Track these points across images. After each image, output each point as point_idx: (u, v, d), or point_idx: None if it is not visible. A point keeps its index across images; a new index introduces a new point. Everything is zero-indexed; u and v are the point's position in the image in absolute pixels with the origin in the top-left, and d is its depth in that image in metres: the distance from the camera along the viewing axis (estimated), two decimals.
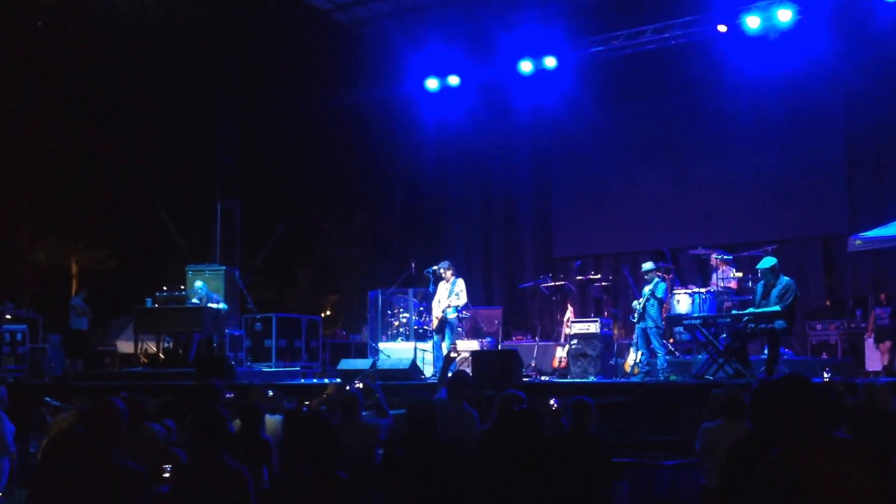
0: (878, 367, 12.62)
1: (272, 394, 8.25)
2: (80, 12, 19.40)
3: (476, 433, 6.38)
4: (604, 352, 12.71)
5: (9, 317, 16.34)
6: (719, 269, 13.27)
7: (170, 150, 21.83)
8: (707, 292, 12.51)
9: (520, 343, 14.82)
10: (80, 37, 20.24)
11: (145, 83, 20.92)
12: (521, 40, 17.29)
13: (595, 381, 11.74)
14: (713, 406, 6.28)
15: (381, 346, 14.70)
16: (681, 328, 11.97)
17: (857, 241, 13.32)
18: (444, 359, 11.69)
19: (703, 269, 14.90)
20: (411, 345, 13.76)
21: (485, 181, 19.87)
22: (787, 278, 10.31)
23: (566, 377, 12.66)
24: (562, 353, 13.45)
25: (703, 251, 13.99)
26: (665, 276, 12.97)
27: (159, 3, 17.87)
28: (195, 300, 14.08)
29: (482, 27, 17.90)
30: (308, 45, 18.75)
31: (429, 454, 5.43)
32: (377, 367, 11.86)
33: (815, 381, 8.37)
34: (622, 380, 11.77)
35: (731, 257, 13.50)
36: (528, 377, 12.05)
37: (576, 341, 12.81)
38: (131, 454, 4.97)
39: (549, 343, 14.37)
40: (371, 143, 20.30)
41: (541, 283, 15.01)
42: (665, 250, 14.64)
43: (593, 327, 12.85)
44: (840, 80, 15.73)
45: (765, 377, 8.83)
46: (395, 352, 13.94)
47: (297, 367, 15.03)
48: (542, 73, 17.31)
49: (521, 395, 6.29)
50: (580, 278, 15.20)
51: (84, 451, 4.47)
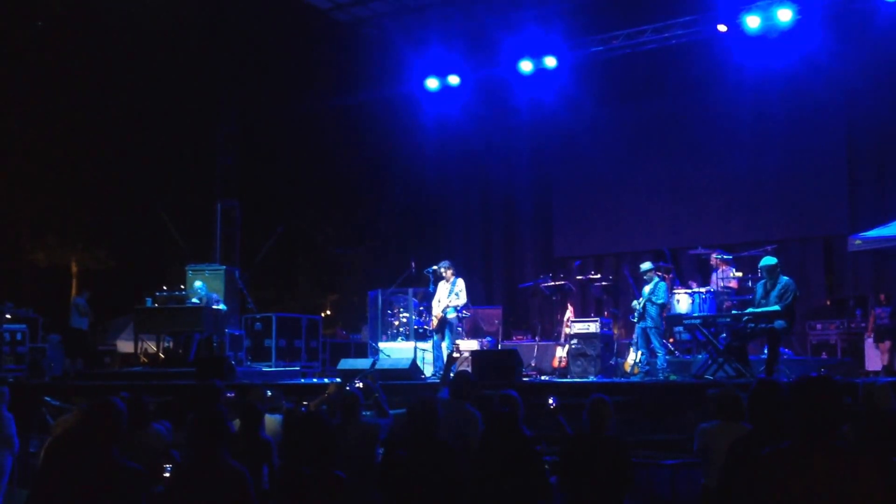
0: (878, 367, 12.62)
1: (271, 393, 8.25)
2: (79, 13, 19.41)
3: (478, 433, 6.37)
4: (604, 351, 12.72)
5: (9, 316, 16.32)
6: (719, 269, 13.27)
7: (170, 150, 21.84)
8: (707, 292, 12.52)
9: (520, 343, 14.82)
10: (80, 37, 20.26)
11: (145, 83, 20.93)
12: (522, 40, 17.29)
13: (595, 380, 11.75)
14: (710, 407, 6.26)
15: (381, 345, 14.70)
16: (681, 328, 11.97)
17: (858, 241, 13.32)
18: (446, 359, 11.68)
19: (703, 269, 14.90)
20: (411, 344, 13.75)
21: (485, 181, 19.86)
22: (787, 278, 10.30)
23: (566, 377, 12.66)
24: (562, 352, 13.45)
25: (703, 251, 13.99)
26: (665, 275, 12.98)
27: (159, 4, 17.86)
28: (195, 300, 14.08)
29: (482, 27, 17.89)
30: (308, 44, 18.75)
31: (429, 454, 5.43)
32: (377, 366, 11.85)
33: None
34: (622, 379, 11.77)
35: (730, 257, 13.50)
36: (528, 377, 12.06)
37: (576, 341, 12.82)
38: (132, 454, 4.97)
39: (549, 343, 14.36)
40: (371, 142, 20.30)
41: (541, 283, 15.00)
42: (665, 250, 14.64)
43: (593, 327, 12.85)
44: (840, 79, 15.73)
45: (764, 377, 8.85)
46: (395, 351, 13.94)
47: (297, 367, 15.03)
48: (542, 73, 17.30)
49: (514, 394, 6.26)
50: (580, 278, 15.20)
51: (85, 451, 4.47)
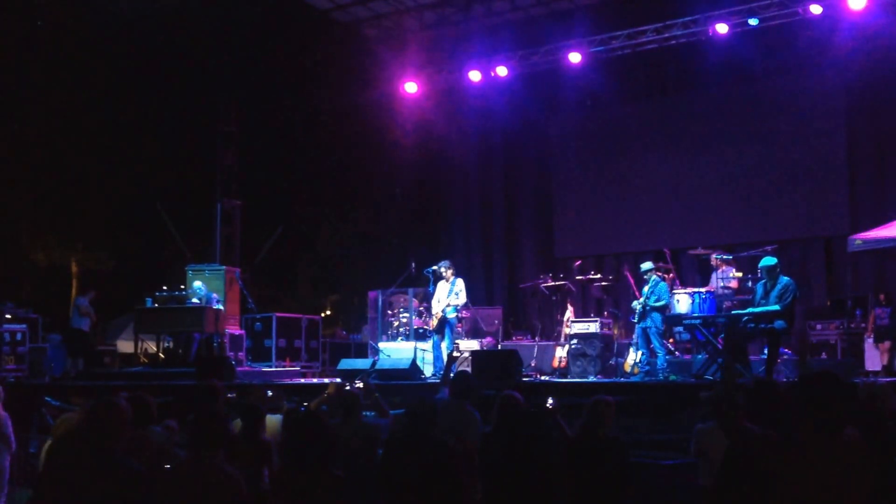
0: (878, 367, 12.62)
1: (272, 394, 8.25)
2: (79, 12, 19.41)
3: (478, 434, 6.36)
4: (604, 352, 12.72)
5: (9, 316, 16.32)
6: (719, 269, 13.26)
7: (170, 150, 21.83)
8: (707, 292, 12.52)
9: (520, 343, 14.81)
10: (80, 36, 20.25)
11: (145, 83, 20.93)
12: (522, 40, 17.31)
13: (595, 380, 11.75)
14: (705, 408, 6.23)
15: (381, 345, 14.70)
16: (681, 328, 11.97)
17: (858, 241, 13.32)
18: (446, 359, 11.68)
19: (703, 269, 14.90)
20: (411, 345, 13.76)
21: (485, 181, 19.85)
22: (787, 278, 10.30)
23: (566, 377, 12.66)
24: (562, 352, 13.45)
25: (703, 251, 13.99)
26: (665, 276, 12.98)
27: (159, 3, 17.86)
28: (195, 300, 14.08)
29: (482, 27, 17.90)
30: (308, 44, 18.76)
31: (428, 454, 5.43)
32: (377, 367, 11.86)
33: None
34: (622, 380, 11.78)
35: (730, 257, 13.50)
36: (528, 377, 12.06)
37: (576, 341, 12.82)
38: (134, 453, 4.97)
39: (549, 343, 14.36)
40: (371, 142, 20.29)
41: (541, 283, 15.00)
42: (665, 250, 14.64)
43: (593, 327, 12.86)
44: (841, 79, 15.75)
45: (761, 377, 8.85)
46: (395, 352, 13.93)
47: (297, 367, 15.04)
48: (542, 74, 17.31)
49: (518, 395, 6.25)
50: (580, 278, 15.19)
51: (87, 451, 4.48)
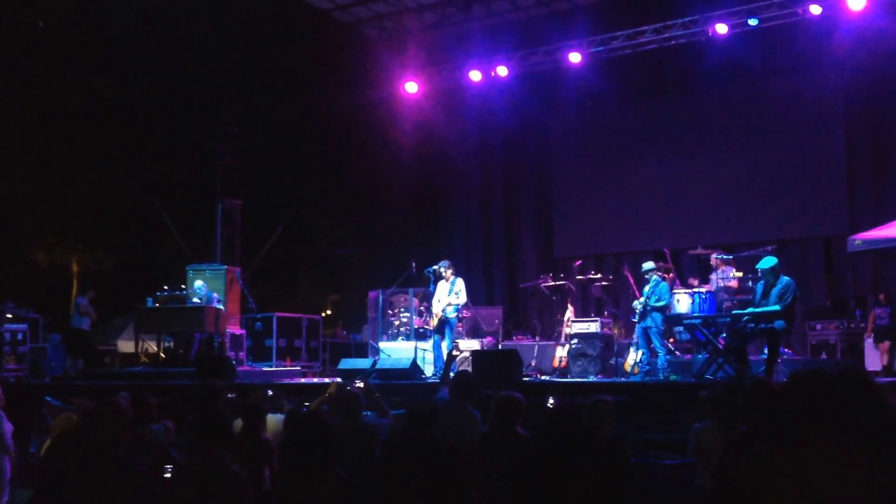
0: (878, 368, 12.62)
1: (272, 393, 8.26)
2: (80, 12, 19.42)
3: (477, 433, 6.37)
4: (604, 351, 12.73)
5: (9, 316, 16.33)
6: (719, 269, 13.27)
7: (171, 150, 21.85)
8: (707, 292, 12.53)
9: (520, 343, 14.81)
10: (81, 36, 20.27)
11: (146, 82, 20.95)
12: (523, 40, 17.32)
13: (595, 380, 11.76)
14: (704, 407, 6.22)
15: (382, 345, 14.71)
16: (681, 328, 11.98)
17: (857, 242, 13.33)
18: (446, 358, 11.69)
19: (703, 269, 14.90)
20: (412, 344, 13.78)
21: (486, 180, 19.86)
22: (787, 278, 10.31)
23: (566, 377, 12.67)
24: (562, 352, 13.45)
25: (703, 251, 14.00)
26: (665, 276, 12.99)
27: (160, 3, 17.87)
28: (196, 300, 14.09)
29: (482, 27, 17.91)
30: (309, 44, 18.76)
31: (428, 454, 5.44)
32: (378, 366, 11.87)
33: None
34: (622, 379, 11.79)
35: (730, 257, 13.51)
36: (529, 377, 12.07)
37: (576, 341, 12.83)
38: (134, 452, 4.98)
39: (549, 343, 14.37)
40: (371, 142, 20.31)
41: (541, 283, 15.01)
42: (665, 250, 14.65)
43: (593, 327, 12.86)
44: (840, 80, 15.76)
45: (761, 377, 8.85)
46: (396, 351, 13.95)
47: (298, 367, 15.05)
48: (542, 73, 17.32)
49: (519, 395, 6.26)
50: (580, 278, 15.20)
51: (88, 451, 4.48)
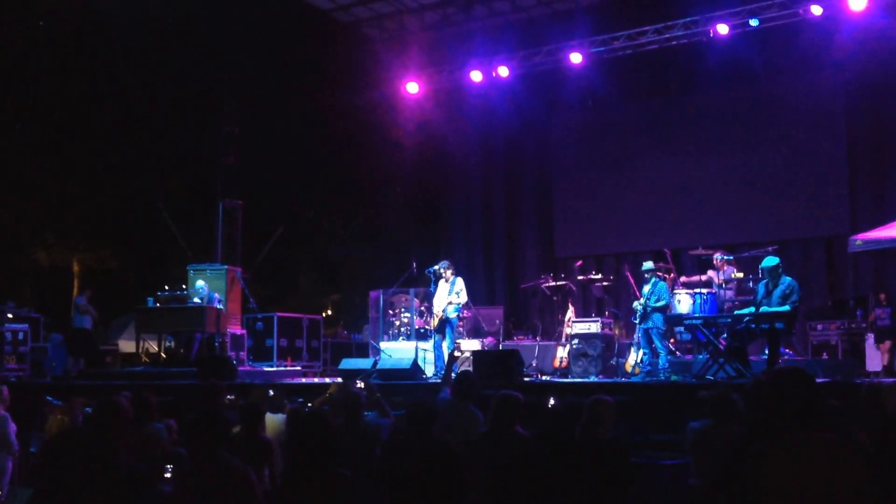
0: (879, 368, 12.63)
1: (273, 393, 8.27)
2: (81, 12, 19.42)
3: (479, 433, 6.36)
4: (605, 351, 12.72)
5: (10, 316, 16.35)
6: (720, 270, 13.27)
7: (171, 150, 21.85)
8: (708, 293, 12.53)
9: (521, 343, 14.82)
10: (82, 36, 20.27)
11: (147, 82, 20.94)
12: (523, 40, 17.31)
13: (596, 380, 11.76)
14: (703, 407, 6.21)
15: (383, 345, 14.71)
16: (682, 328, 11.98)
17: (858, 242, 13.33)
18: (447, 358, 11.69)
19: (703, 270, 14.90)
20: (412, 344, 13.77)
21: (486, 181, 19.86)
22: (789, 278, 10.32)
23: (567, 377, 12.67)
24: (563, 352, 13.45)
25: (703, 251, 14.00)
26: (666, 276, 12.99)
27: (160, 3, 17.88)
28: (197, 300, 14.09)
29: (483, 27, 17.91)
30: (309, 44, 18.76)
31: (427, 454, 5.44)
32: (378, 366, 11.87)
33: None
34: (623, 380, 11.78)
35: (731, 257, 13.51)
36: (529, 377, 12.06)
37: (577, 341, 12.82)
38: (135, 451, 4.98)
39: (550, 343, 14.37)
40: (372, 142, 20.31)
41: (542, 283, 15.01)
42: (666, 250, 14.65)
43: (594, 327, 12.86)
44: (841, 80, 15.76)
45: (761, 377, 8.84)
46: (397, 351, 13.94)
47: (299, 367, 15.05)
48: (543, 74, 17.33)
49: (518, 395, 6.26)
50: (581, 278, 15.20)
51: (90, 451, 4.49)
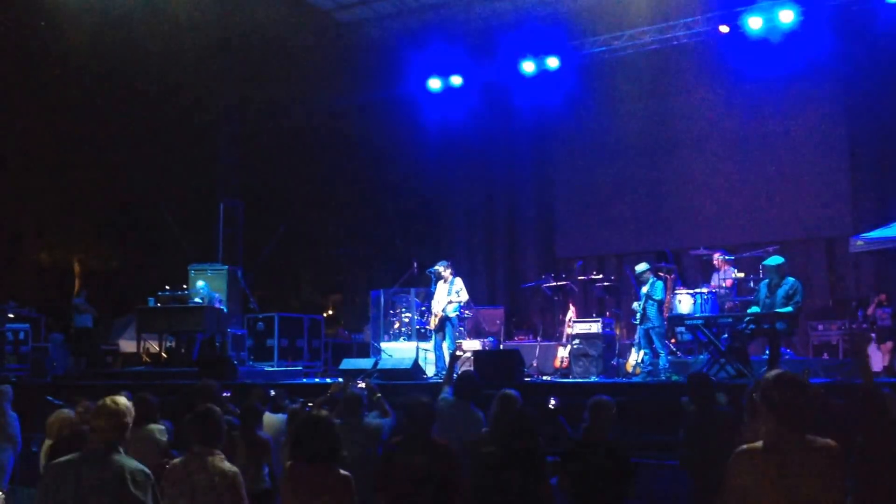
0: (880, 368, 12.63)
1: (274, 393, 8.28)
2: (82, 11, 19.41)
3: (481, 433, 6.36)
4: (605, 352, 12.71)
5: (11, 316, 16.36)
6: (721, 270, 13.27)
7: (172, 150, 21.83)
8: (709, 293, 12.52)
9: (522, 343, 14.82)
10: (82, 35, 20.26)
11: (147, 82, 20.94)
12: (524, 40, 17.32)
13: (597, 381, 11.75)
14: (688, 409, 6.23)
15: (384, 345, 14.71)
16: (683, 328, 11.98)
17: (859, 242, 13.32)
18: (449, 358, 11.68)
19: (704, 270, 14.91)
20: (413, 344, 13.78)
21: (487, 181, 19.88)
22: (792, 278, 10.32)
23: (568, 377, 12.67)
24: (563, 353, 13.45)
25: (704, 251, 14.00)
26: (667, 276, 12.98)
27: (160, 3, 17.88)
28: (197, 300, 14.10)
29: (484, 27, 17.92)
30: (310, 44, 18.76)
31: (427, 454, 5.44)
32: (379, 366, 11.87)
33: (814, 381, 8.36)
34: (624, 380, 11.78)
35: (732, 258, 13.51)
36: (530, 377, 12.06)
37: (578, 341, 12.81)
38: (136, 450, 4.99)
39: (550, 343, 14.36)
40: (373, 142, 20.31)
41: (543, 283, 15.00)
42: (667, 251, 14.65)
43: (595, 327, 12.84)
44: (842, 80, 15.76)
45: (761, 377, 8.83)
46: (398, 351, 13.95)
47: (300, 367, 15.05)
48: (544, 74, 17.35)
49: (516, 394, 6.26)
50: (582, 278, 15.20)
51: (91, 450, 4.49)
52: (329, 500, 4.51)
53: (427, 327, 13.72)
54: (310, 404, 8.01)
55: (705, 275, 14.48)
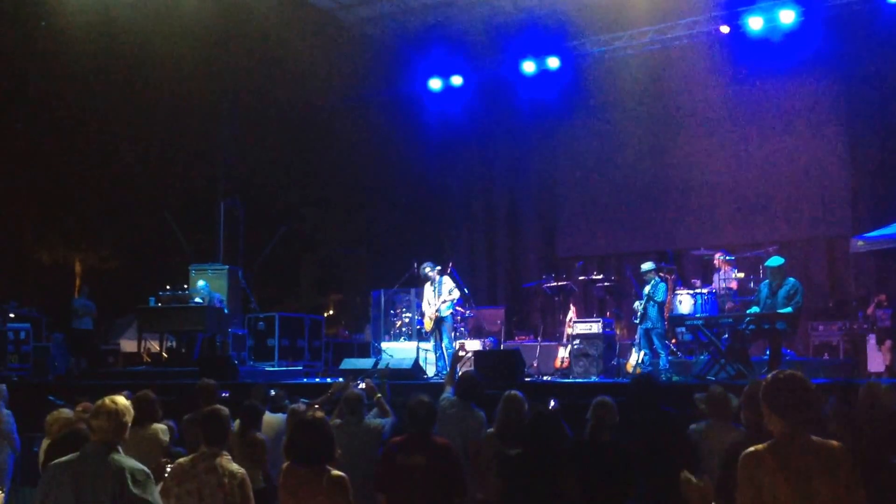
0: (881, 368, 12.62)
1: (274, 393, 8.28)
2: (82, 11, 19.42)
3: (484, 434, 6.37)
4: (606, 352, 12.71)
5: (12, 315, 16.35)
6: (721, 270, 13.27)
7: (173, 150, 21.85)
8: (709, 293, 12.52)
9: (522, 343, 14.81)
10: (82, 35, 20.27)
11: (148, 82, 20.94)
12: (524, 40, 17.33)
13: (597, 381, 11.76)
14: (698, 409, 6.21)
15: (384, 345, 14.72)
16: (683, 328, 11.98)
17: (860, 242, 13.32)
18: (451, 358, 11.68)
19: (705, 270, 14.92)
20: (414, 344, 13.78)
21: (488, 181, 19.88)
22: (793, 279, 10.32)
23: (568, 377, 12.67)
24: (564, 353, 13.45)
25: (705, 252, 14.00)
26: (668, 276, 12.98)
27: (160, 3, 17.88)
28: (198, 299, 14.10)
29: (485, 27, 17.91)
30: (311, 44, 18.75)
31: (426, 453, 5.45)
32: (380, 366, 11.87)
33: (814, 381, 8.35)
34: (624, 380, 11.77)
35: (732, 258, 13.51)
36: (530, 377, 12.06)
37: (578, 341, 12.82)
38: (138, 452, 4.99)
39: (551, 343, 14.36)
40: (374, 142, 20.31)
41: (543, 283, 15.00)
42: (668, 251, 14.65)
43: (595, 327, 12.85)
44: (842, 80, 15.75)
45: (757, 379, 8.83)
46: (398, 351, 13.96)
47: (300, 367, 15.05)
48: (545, 74, 17.35)
49: (521, 395, 6.27)
50: (583, 278, 15.21)
51: (91, 450, 4.49)
52: (324, 501, 4.52)
53: (424, 329, 13.73)
54: (310, 404, 8.03)
55: (706, 275, 14.48)
